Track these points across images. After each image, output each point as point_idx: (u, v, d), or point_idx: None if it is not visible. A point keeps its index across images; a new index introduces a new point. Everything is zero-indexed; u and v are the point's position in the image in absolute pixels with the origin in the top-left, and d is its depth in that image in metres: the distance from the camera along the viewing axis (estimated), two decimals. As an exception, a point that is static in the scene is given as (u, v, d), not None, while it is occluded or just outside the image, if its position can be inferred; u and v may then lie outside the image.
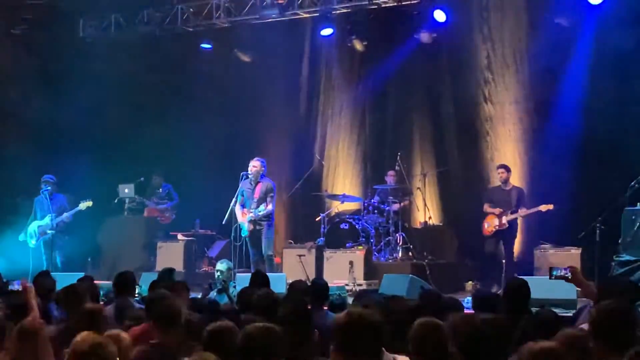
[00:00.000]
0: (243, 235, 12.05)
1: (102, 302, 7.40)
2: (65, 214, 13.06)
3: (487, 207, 12.45)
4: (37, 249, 13.14)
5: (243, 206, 12.07)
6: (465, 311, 6.12)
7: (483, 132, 13.85)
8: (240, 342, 3.87)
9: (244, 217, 12.00)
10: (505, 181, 12.37)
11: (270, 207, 11.98)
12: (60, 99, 14.34)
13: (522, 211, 12.14)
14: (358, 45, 14.25)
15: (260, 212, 11.91)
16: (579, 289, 7.36)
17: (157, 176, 14.90)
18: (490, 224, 12.31)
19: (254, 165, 12.04)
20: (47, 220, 13.04)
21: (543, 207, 11.85)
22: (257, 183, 12.03)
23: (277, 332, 3.93)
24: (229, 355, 3.98)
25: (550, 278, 6.30)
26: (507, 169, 12.43)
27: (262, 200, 11.98)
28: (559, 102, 12.98)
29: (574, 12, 12.52)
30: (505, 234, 12.25)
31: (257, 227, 12.00)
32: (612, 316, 3.85)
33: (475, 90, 13.81)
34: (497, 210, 12.24)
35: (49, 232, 12.99)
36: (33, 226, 13.14)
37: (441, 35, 13.55)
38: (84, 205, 12.99)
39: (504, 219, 12.16)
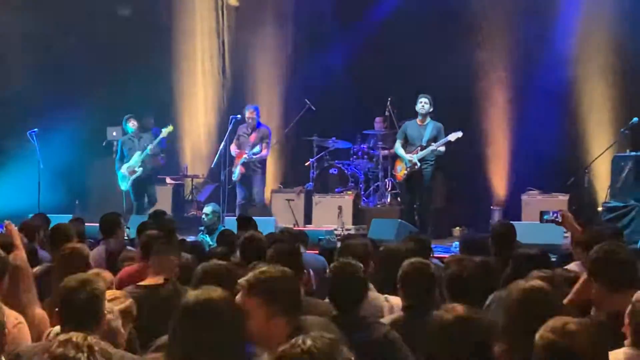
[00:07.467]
0: (234, 179, 12.10)
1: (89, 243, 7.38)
2: (149, 146, 12.49)
3: (398, 146, 11.40)
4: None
5: (238, 148, 12.13)
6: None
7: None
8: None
9: (239, 159, 12.03)
10: (425, 114, 11.20)
11: (265, 152, 12.03)
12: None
13: (432, 146, 11.00)
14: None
15: (255, 153, 11.94)
16: (566, 233, 7.42)
17: (146, 119, 14.77)
18: (403, 167, 11.43)
19: (250, 113, 12.09)
20: (136, 158, 12.51)
21: (452, 136, 11.00)
22: (254, 129, 12.09)
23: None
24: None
25: (541, 221, 6.37)
26: (430, 101, 11.14)
27: (257, 145, 12.04)
28: (548, 52, 12.95)
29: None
30: (420, 177, 11.17)
31: (249, 172, 12.04)
32: (610, 255, 3.86)
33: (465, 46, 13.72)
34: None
35: (137, 169, 12.51)
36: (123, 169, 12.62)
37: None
38: (165, 131, 12.75)
39: (414, 158, 11.12)
